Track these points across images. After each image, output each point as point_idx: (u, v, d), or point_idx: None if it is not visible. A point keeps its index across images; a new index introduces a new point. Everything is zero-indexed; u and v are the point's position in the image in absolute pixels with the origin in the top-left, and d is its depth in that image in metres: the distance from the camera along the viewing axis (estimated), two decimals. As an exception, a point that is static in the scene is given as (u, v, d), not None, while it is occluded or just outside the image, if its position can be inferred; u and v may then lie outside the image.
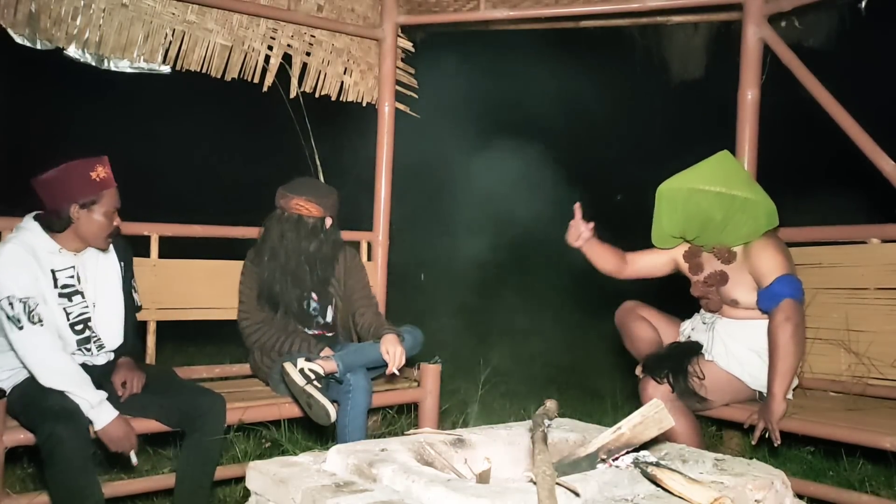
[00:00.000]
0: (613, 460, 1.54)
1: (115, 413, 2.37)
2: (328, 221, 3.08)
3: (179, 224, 3.27)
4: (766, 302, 2.66)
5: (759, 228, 2.75)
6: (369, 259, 3.77)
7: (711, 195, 2.71)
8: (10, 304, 2.31)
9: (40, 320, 2.35)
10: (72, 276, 2.52)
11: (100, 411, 2.35)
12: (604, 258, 3.01)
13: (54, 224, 2.48)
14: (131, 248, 2.76)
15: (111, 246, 2.66)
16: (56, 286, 2.47)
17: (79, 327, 2.53)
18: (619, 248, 3.06)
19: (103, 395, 2.38)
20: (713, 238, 2.80)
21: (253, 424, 2.85)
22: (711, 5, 3.64)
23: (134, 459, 2.44)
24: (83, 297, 2.54)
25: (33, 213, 2.53)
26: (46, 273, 2.45)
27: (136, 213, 3.03)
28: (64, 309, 2.48)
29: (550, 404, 1.81)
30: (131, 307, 2.71)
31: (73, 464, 2.21)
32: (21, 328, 2.31)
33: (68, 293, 2.50)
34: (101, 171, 2.47)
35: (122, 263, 2.68)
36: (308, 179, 3.21)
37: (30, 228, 2.47)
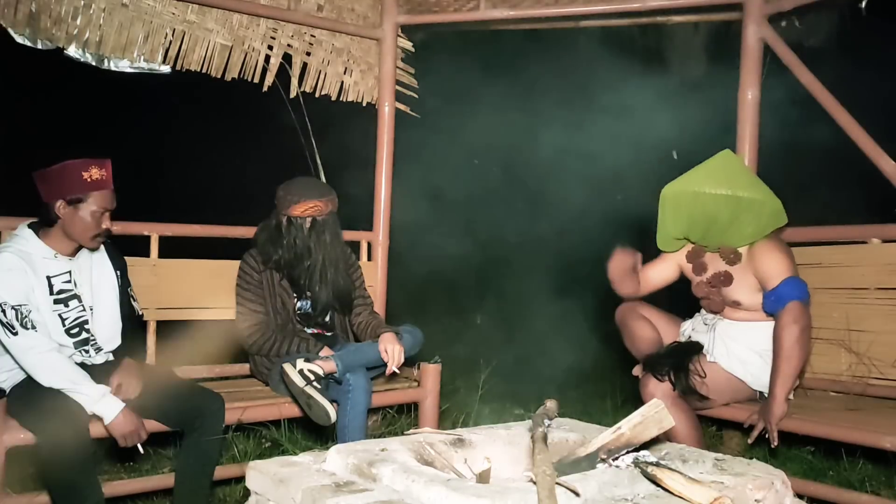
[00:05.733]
0: (613, 460, 1.54)
1: (122, 405, 2.38)
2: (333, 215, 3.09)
3: (179, 224, 3.26)
4: (773, 304, 2.65)
5: (764, 228, 2.75)
6: (369, 259, 3.78)
7: (717, 197, 2.70)
8: (3, 311, 2.33)
9: (34, 326, 2.36)
10: (68, 281, 2.52)
11: (105, 405, 2.35)
12: (627, 283, 3.03)
13: (43, 219, 2.49)
14: (124, 260, 2.77)
15: (106, 254, 2.67)
16: (52, 292, 2.48)
17: (75, 330, 2.53)
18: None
19: (105, 388, 2.39)
20: (717, 238, 2.80)
21: (253, 424, 2.85)
22: (711, 5, 3.64)
23: (141, 450, 2.44)
24: (80, 300, 2.55)
25: (27, 222, 2.54)
26: (41, 280, 2.46)
27: (136, 213, 3.03)
28: (59, 315, 2.49)
29: (550, 404, 1.81)
30: (129, 313, 2.71)
31: (73, 464, 2.21)
32: (15, 333, 2.33)
33: (64, 298, 2.51)
34: (96, 173, 2.47)
35: (118, 272, 2.69)
36: (307, 179, 3.20)
37: (24, 236, 2.48)
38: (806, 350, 2.64)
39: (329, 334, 3.16)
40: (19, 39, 3.03)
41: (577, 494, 1.34)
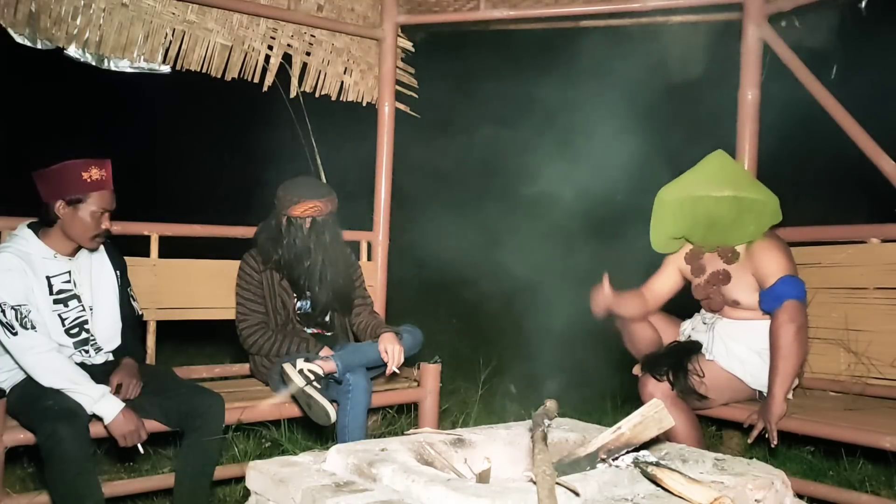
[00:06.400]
0: (613, 460, 1.55)
1: (121, 404, 2.38)
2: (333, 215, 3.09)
3: (179, 224, 3.26)
4: (770, 302, 2.65)
5: (763, 226, 2.75)
6: (369, 259, 3.78)
7: (720, 200, 2.70)
8: (3, 311, 2.33)
9: (33, 326, 2.36)
10: (67, 281, 2.53)
11: (104, 405, 2.35)
12: (629, 306, 2.99)
13: (43, 219, 2.50)
14: (124, 260, 2.77)
15: (105, 253, 2.67)
16: (51, 292, 2.48)
17: (75, 330, 2.54)
18: (634, 289, 3.04)
19: (105, 388, 2.39)
20: (718, 239, 2.80)
21: (253, 424, 2.85)
22: (711, 5, 3.64)
23: (141, 449, 2.45)
24: (79, 300, 2.55)
25: (27, 222, 2.54)
26: (41, 280, 2.46)
27: (136, 213, 3.03)
28: (59, 315, 2.50)
29: (550, 404, 1.81)
30: (129, 313, 2.72)
31: (73, 463, 2.21)
32: (15, 333, 2.33)
33: (64, 298, 2.51)
34: (95, 173, 2.47)
35: (118, 272, 2.70)
36: (307, 179, 3.21)
37: (24, 236, 2.49)
38: (803, 348, 2.64)
39: (329, 334, 3.16)
40: (19, 39, 3.03)
41: (577, 494, 1.35)
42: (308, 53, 3.70)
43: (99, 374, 2.49)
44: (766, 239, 2.76)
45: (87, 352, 2.57)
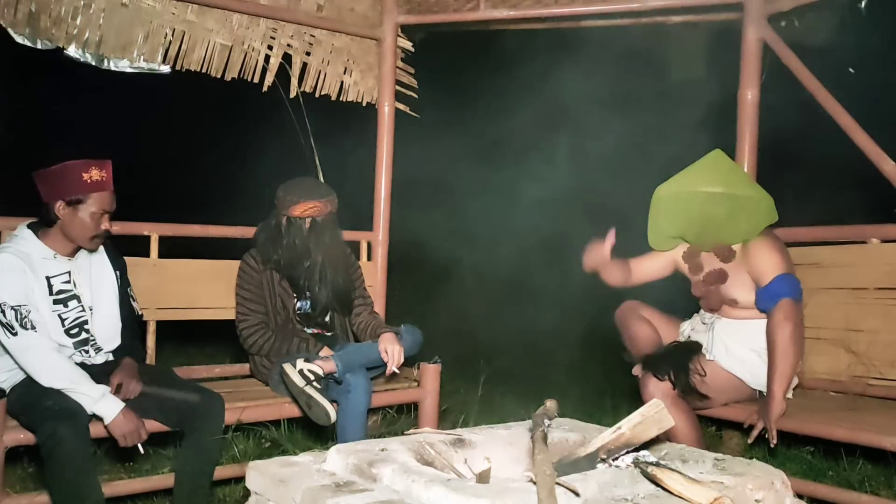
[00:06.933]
0: (613, 460, 1.55)
1: (122, 404, 2.38)
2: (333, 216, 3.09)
3: (179, 224, 3.27)
4: (765, 301, 2.66)
5: (758, 225, 2.76)
6: (369, 259, 3.78)
7: (714, 197, 2.71)
8: (3, 311, 2.33)
9: (33, 326, 2.36)
10: (67, 281, 2.53)
11: (105, 405, 2.35)
12: (614, 273, 3.03)
13: (43, 219, 2.50)
14: (124, 260, 2.77)
15: (105, 253, 2.67)
16: (51, 293, 2.48)
17: (75, 331, 2.54)
18: (622, 259, 3.07)
19: (105, 388, 2.39)
20: (714, 237, 2.80)
21: (253, 424, 2.85)
22: (711, 5, 3.65)
23: (141, 449, 2.45)
24: (79, 300, 2.55)
25: (27, 222, 2.54)
26: (41, 280, 2.46)
27: (136, 213, 3.03)
28: (59, 315, 2.50)
29: (550, 404, 1.81)
30: (129, 314, 2.72)
31: (73, 463, 2.21)
32: (15, 334, 2.33)
33: (64, 298, 2.51)
34: (96, 174, 2.47)
35: (118, 273, 2.70)
36: (307, 180, 3.21)
37: (24, 237, 2.49)
38: (800, 347, 2.64)
39: (329, 334, 3.16)
40: (19, 39, 3.03)
41: (577, 494, 1.34)
42: (308, 53, 3.70)
43: (99, 374, 2.49)
44: (762, 237, 2.77)
45: (87, 352, 2.57)
